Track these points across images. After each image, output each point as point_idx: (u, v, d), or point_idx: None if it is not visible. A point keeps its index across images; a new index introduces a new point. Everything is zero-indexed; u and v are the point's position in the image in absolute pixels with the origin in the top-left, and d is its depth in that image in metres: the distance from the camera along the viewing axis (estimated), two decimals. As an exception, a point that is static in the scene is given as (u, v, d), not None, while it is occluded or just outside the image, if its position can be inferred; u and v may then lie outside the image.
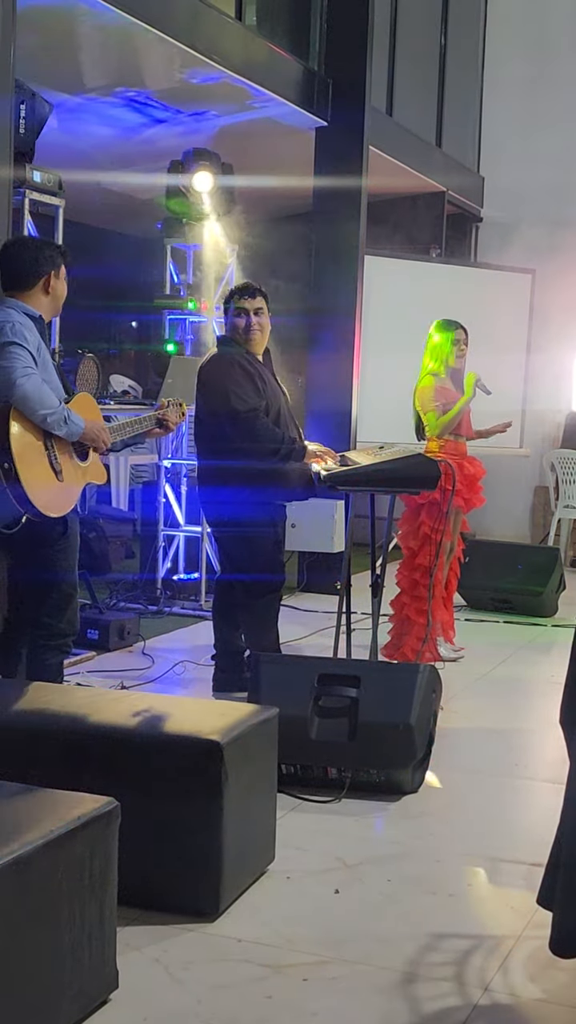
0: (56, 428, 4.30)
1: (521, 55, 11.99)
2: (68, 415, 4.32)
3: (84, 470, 4.52)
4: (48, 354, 4.50)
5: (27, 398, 4.19)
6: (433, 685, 4.56)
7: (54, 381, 4.47)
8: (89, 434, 4.42)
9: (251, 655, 5.22)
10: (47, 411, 4.24)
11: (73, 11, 6.46)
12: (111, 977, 2.86)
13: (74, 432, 4.35)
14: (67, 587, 4.57)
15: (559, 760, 3.13)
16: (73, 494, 4.45)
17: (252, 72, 7.82)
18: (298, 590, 8.60)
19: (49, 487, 4.30)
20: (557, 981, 3.06)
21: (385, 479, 5.45)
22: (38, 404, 4.22)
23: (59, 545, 4.50)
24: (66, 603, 4.57)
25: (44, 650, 4.60)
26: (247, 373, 5.48)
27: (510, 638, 7.50)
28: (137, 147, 9.27)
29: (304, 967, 3.09)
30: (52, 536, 4.46)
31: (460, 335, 6.58)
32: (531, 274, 10.66)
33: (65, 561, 4.54)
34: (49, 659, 4.61)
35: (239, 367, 5.48)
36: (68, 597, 4.57)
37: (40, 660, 4.60)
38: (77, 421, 4.36)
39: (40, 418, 4.25)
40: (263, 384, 5.52)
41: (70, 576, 4.57)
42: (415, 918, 3.41)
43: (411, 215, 11.24)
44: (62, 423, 4.29)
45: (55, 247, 4.63)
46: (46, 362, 4.44)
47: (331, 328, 8.86)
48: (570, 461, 10.70)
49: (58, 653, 4.64)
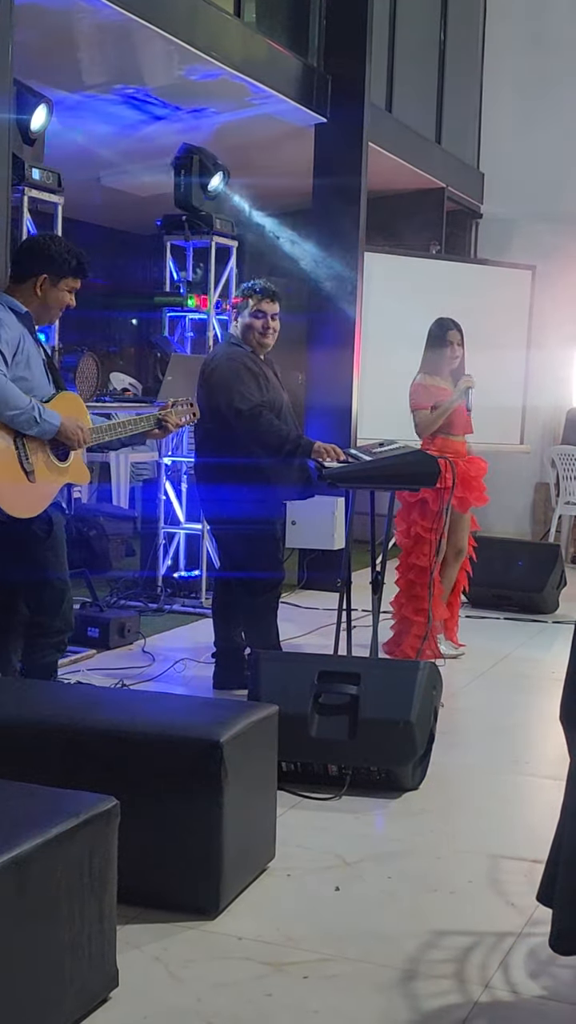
0: (26, 428, 4.28)
1: (521, 51, 11.98)
2: (40, 414, 4.28)
3: (62, 470, 4.48)
4: (34, 349, 4.46)
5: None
6: (434, 682, 4.56)
7: (36, 378, 4.43)
8: (64, 432, 4.38)
9: (251, 653, 5.22)
10: (13, 411, 4.22)
11: (71, 8, 6.45)
12: (111, 975, 2.86)
13: (47, 431, 4.33)
14: (59, 584, 4.55)
15: (560, 756, 3.12)
16: (46, 494, 4.41)
17: (251, 69, 7.81)
18: (298, 587, 8.60)
19: (16, 488, 4.26)
20: (558, 978, 3.06)
21: (384, 476, 5.46)
22: (3, 405, 4.18)
23: (47, 543, 4.47)
24: (59, 600, 4.55)
25: (40, 648, 4.60)
26: (251, 372, 5.49)
27: (511, 635, 7.50)
28: (137, 144, 9.27)
29: (305, 965, 3.09)
30: (38, 535, 4.44)
31: (454, 336, 6.56)
32: (531, 270, 10.65)
33: (55, 559, 4.52)
34: (45, 657, 4.61)
35: (244, 366, 5.49)
36: (60, 594, 4.56)
37: (36, 658, 4.60)
38: (51, 419, 4.32)
39: (7, 419, 4.23)
40: (266, 383, 5.53)
41: (61, 573, 4.55)
42: (416, 915, 3.41)
43: (411, 212, 11.22)
44: (32, 422, 4.26)
45: (70, 257, 4.52)
46: (29, 358, 4.40)
47: (331, 325, 8.85)
48: (571, 457, 10.70)
49: (54, 651, 4.65)
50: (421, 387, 6.53)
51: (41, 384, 4.46)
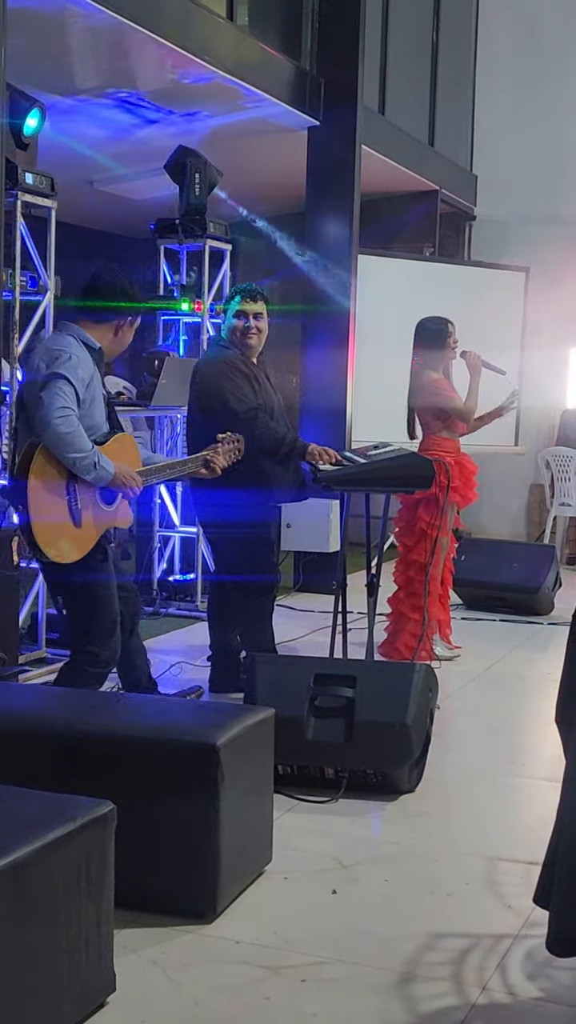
0: (84, 473, 4.29)
1: (513, 53, 11.99)
2: (98, 460, 4.30)
3: (108, 514, 4.50)
4: (100, 387, 4.52)
5: (59, 439, 4.20)
6: (429, 684, 4.56)
7: (97, 416, 4.48)
8: (117, 481, 4.40)
9: (247, 656, 5.22)
10: (77, 455, 4.24)
11: (63, 12, 6.44)
12: (109, 980, 2.86)
13: (102, 478, 4.35)
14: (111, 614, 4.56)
15: (556, 758, 3.12)
16: (91, 538, 4.43)
17: (244, 72, 7.81)
18: (294, 590, 8.60)
19: (62, 533, 4.31)
20: (555, 980, 3.06)
21: (379, 479, 5.46)
22: (68, 447, 4.22)
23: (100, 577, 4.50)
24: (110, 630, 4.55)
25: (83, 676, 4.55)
26: (243, 375, 5.48)
27: (506, 636, 7.50)
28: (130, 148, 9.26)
29: (302, 968, 3.09)
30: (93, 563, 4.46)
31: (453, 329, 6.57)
32: (525, 272, 10.66)
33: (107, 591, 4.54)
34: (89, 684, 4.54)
35: (236, 369, 5.49)
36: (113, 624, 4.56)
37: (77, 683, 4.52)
38: (106, 467, 4.34)
39: (69, 461, 4.25)
40: (258, 386, 5.52)
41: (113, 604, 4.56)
42: (413, 918, 3.41)
43: (404, 214, 11.22)
44: (91, 468, 4.29)
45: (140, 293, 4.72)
46: (95, 396, 4.46)
47: (325, 328, 8.85)
48: (565, 459, 10.70)
49: (97, 679, 4.61)
50: (443, 381, 6.51)
51: (100, 423, 4.51)
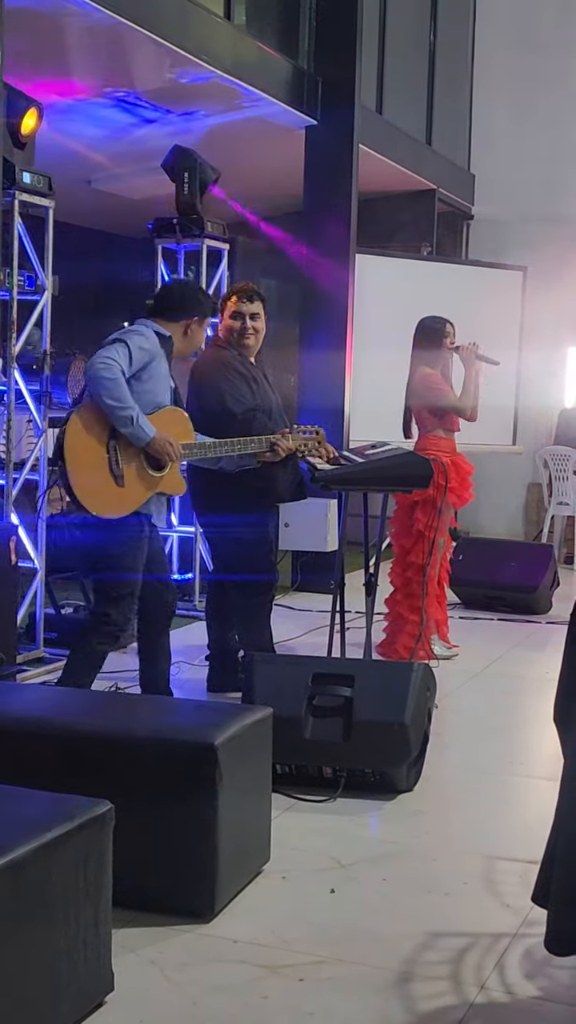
0: (121, 425, 4.52)
1: (511, 52, 11.99)
2: (137, 417, 4.51)
3: (155, 480, 4.68)
4: (165, 372, 4.76)
5: (99, 383, 4.45)
6: (427, 683, 4.56)
7: (160, 395, 4.72)
8: (155, 445, 4.60)
9: (245, 655, 5.22)
10: (115, 403, 4.48)
11: (61, 11, 6.44)
12: (107, 979, 2.86)
13: (139, 437, 4.56)
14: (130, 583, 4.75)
15: (554, 757, 3.12)
16: (135, 498, 4.64)
17: (241, 71, 7.81)
18: (292, 589, 8.60)
19: (103, 489, 4.55)
20: (553, 979, 3.06)
21: (377, 478, 5.46)
22: (106, 392, 4.47)
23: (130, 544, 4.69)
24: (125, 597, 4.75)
25: (96, 633, 4.79)
26: (241, 375, 5.48)
27: (504, 635, 7.50)
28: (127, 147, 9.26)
29: (300, 967, 3.09)
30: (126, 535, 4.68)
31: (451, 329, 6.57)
32: (523, 271, 10.66)
33: (133, 559, 4.72)
34: (102, 645, 4.79)
35: (233, 369, 5.48)
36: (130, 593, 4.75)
37: (90, 643, 4.79)
38: (145, 427, 4.56)
39: (107, 408, 4.49)
40: (256, 386, 5.52)
41: (135, 574, 4.75)
42: (411, 917, 3.41)
43: (402, 213, 11.22)
44: (128, 422, 4.51)
45: (208, 298, 5.07)
46: (158, 375, 4.71)
47: (323, 327, 8.85)
48: (563, 458, 10.71)
49: (110, 641, 4.82)
50: (435, 376, 6.50)
51: (162, 402, 4.74)
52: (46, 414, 6.11)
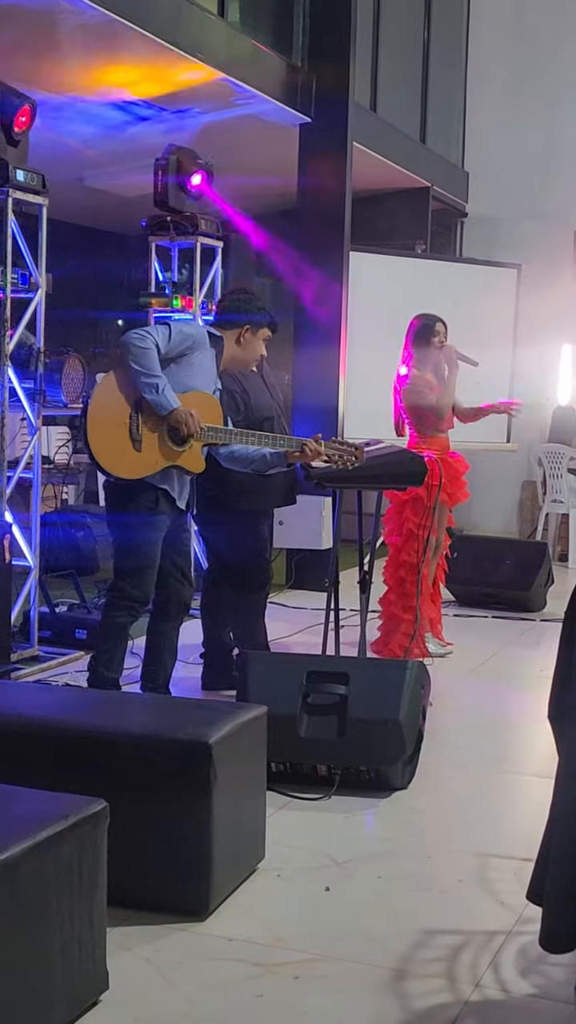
0: (144, 391, 4.63)
1: (504, 49, 12.00)
2: (162, 387, 4.63)
3: (174, 452, 4.77)
4: (210, 367, 4.90)
5: (128, 348, 4.58)
6: (422, 681, 4.56)
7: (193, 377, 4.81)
8: (174, 416, 4.68)
9: (239, 653, 5.22)
10: (140, 368, 4.60)
11: (55, 9, 6.43)
12: (101, 978, 2.85)
13: (161, 404, 4.65)
14: (143, 557, 4.84)
15: (548, 754, 3.12)
16: (150, 464, 4.73)
17: (235, 69, 7.80)
18: (286, 587, 8.60)
19: (119, 450, 4.66)
20: (548, 976, 3.06)
21: (371, 476, 5.45)
22: (133, 357, 4.59)
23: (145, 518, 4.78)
24: (138, 570, 4.84)
25: (111, 607, 4.90)
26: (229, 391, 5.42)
27: (499, 633, 7.50)
28: (121, 145, 9.25)
29: (295, 965, 3.09)
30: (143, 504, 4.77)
31: (440, 328, 6.58)
32: (517, 269, 10.66)
33: (147, 533, 4.81)
34: (117, 617, 4.89)
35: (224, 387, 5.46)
36: (143, 567, 4.84)
37: (109, 616, 4.90)
38: (169, 398, 4.65)
39: (133, 372, 4.61)
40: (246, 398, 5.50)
41: (148, 548, 4.84)
42: (405, 915, 3.41)
43: (396, 211, 11.23)
44: (151, 388, 4.62)
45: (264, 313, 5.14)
46: (200, 366, 4.82)
47: (317, 325, 8.84)
48: (557, 456, 10.71)
49: (125, 613, 4.90)
50: (421, 378, 6.52)
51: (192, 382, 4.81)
52: (40, 412, 6.10)
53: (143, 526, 4.81)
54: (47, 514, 6.41)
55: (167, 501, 4.84)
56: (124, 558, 4.89)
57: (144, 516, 4.79)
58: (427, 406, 6.48)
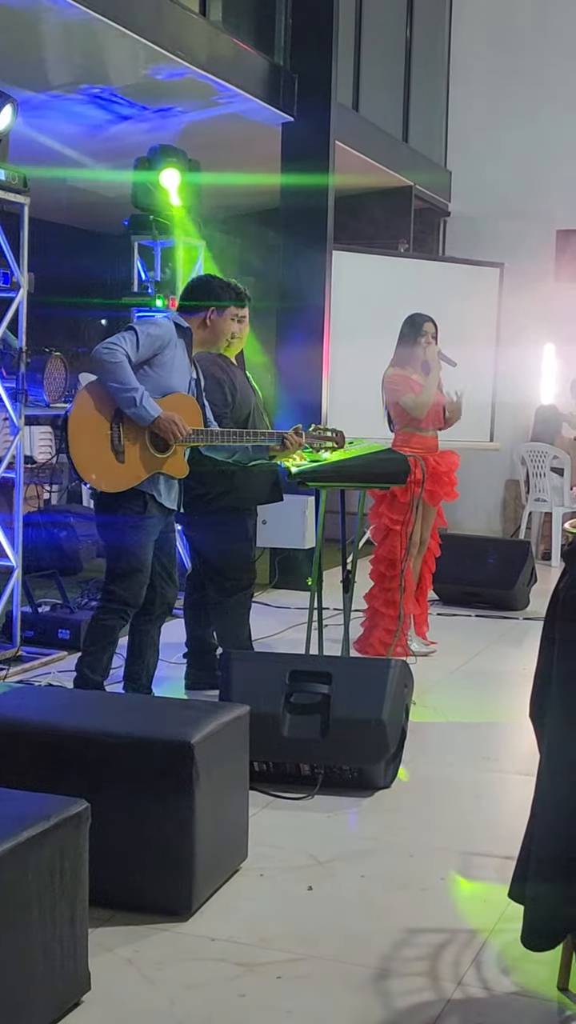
0: (125, 406, 4.66)
1: (487, 49, 12.01)
2: (140, 399, 4.65)
3: (158, 460, 4.81)
4: (183, 360, 4.91)
5: (101, 366, 4.64)
6: (405, 680, 4.57)
7: (176, 382, 4.83)
8: (159, 424, 4.71)
9: (222, 653, 5.21)
10: (117, 385, 4.63)
11: (36, 8, 6.41)
12: (83, 979, 2.85)
13: (143, 417, 4.68)
14: (134, 560, 4.85)
15: (531, 753, 3.13)
16: (134, 475, 4.76)
17: (217, 68, 7.79)
18: (270, 586, 8.60)
19: (102, 463, 4.70)
20: (530, 974, 3.07)
21: (353, 474, 5.45)
22: (108, 375, 4.64)
23: (134, 522, 4.81)
24: (129, 574, 4.86)
25: (102, 611, 4.92)
26: (217, 380, 5.44)
27: (482, 632, 7.52)
28: (103, 144, 9.23)
29: (277, 965, 3.09)
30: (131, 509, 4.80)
31: (429, 327, 6.59)
32: (499, 268, 10.68)
33: (137, 537, 4.83)
34: (107, 620, 4.91)
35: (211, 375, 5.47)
36: (134, 571, 4.86)
37: (98, 619, 4.92)
38: (149, 408, 4.68)
39: (111, 390, 4.65)
40: (233, 389, 5.50)
41: (139, 552, 4.86)
42: (388, 914, 3.42)
43: (379, 210, 11.23)
44: (131, 403, 4.65)
45: (227, 288, 5.10)
46: (173, 363, 4.83)
47: (300, 323, 8.84)
48: (540, 454, 10.74)
49: (115, 617, 4.92)
50: (399, 376, 6.53)
51: (169, 384, 4.85)
52: (22, 412, 6.09)
53: (133, 530, 4.83)
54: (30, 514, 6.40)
55: (155, 504, 4.86)
56: (115, 562, 4.92)
57: (134, 519, 4.82)
58: (402, 403, 6.50)
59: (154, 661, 5.17)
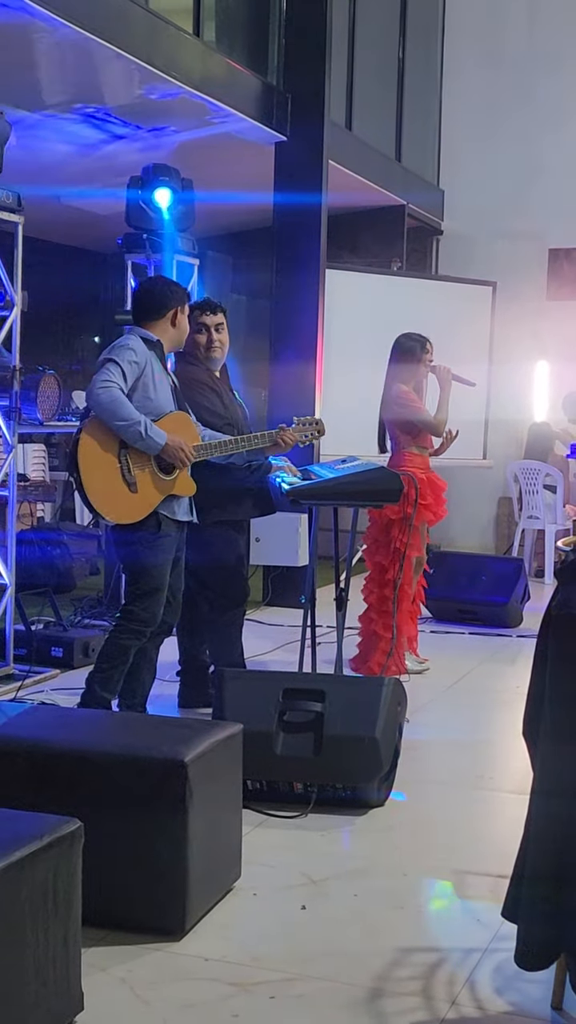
0: (132, 441, 4.71)
1: (480, 68, 12.07)
2: (146, 430, 4.70)
3: (167, 483, 4.87)
4: (161, 375, 4.94)
5: (101, 408, 4.66)
6: (398, 698, 4.57)
7: (161, 400, 4.87)
8: (167, 451, 4.78)
9: (215, 671, 5.21)
10: (121, 422, 4.67)
11: (30, 27, 6.44)
12: (76, 999, 2.84)
13: (151, 447, 4.75)
14: (152, 580, 4.91)
15: (524, 771, 3.13)
16: (149, 503, 4.83)
17: (211, 87, 7.83)
18: (263, 604, 8.60)
19: (116, 497, 4.76)
20: (524, 993, 3.06)
21: (348, 493, 5.46)
22: (111, 415, 4.66)
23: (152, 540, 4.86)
24: (148, 594, 4.91)
25: (119, 629, 4.94)
26: (213, 390, 5.49)
27: (475, 649, 7.52)
28: (97, 163, 9.26)
29: (271, 984, 3.08)
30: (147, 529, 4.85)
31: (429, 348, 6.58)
32: (492, 286, 10.72)
33: (155, 556, 4.89)
34: (123, 639, 4.92)
35: (206, 385, 5.49)
36: (153, 590, 4.91)
37: (115, 637, 4.94)
38: (156, 437, 4.74)
39: (116, 428, 4.69)
40: (228, 401, 5.53)
41: (157, 572, 4.91)
42: (382, 933, 3.41)
43: (372, 229, 11.28)
44: (138, 436, 4.70)
45: (178, 285, 5.17)
46: (154, 382, 4.86)
47: (293, 342, 8.85)
48: (533, 472, 10.75)
49: (132, 637, 4.93)
50: (410, 393, 6.49)
51: (163, 405, 4.89)
52: (15, 430, 6.09)
53: (151, 550, 4.89)
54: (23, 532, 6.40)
55: (169, 521, 4.93)
56: (135, 583, 4.98)
57: (151, 538, 4.88)
58: (420, 421, 6.46)
59: (150, 680, 5.16)
